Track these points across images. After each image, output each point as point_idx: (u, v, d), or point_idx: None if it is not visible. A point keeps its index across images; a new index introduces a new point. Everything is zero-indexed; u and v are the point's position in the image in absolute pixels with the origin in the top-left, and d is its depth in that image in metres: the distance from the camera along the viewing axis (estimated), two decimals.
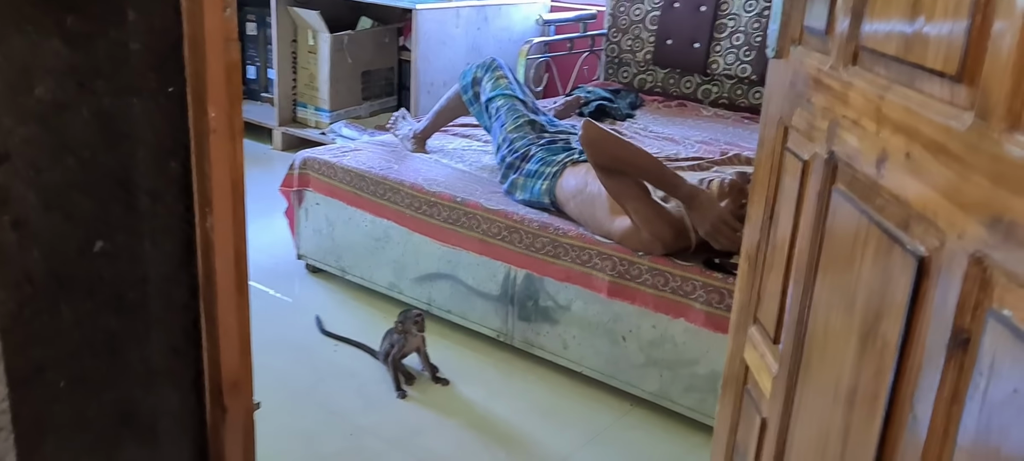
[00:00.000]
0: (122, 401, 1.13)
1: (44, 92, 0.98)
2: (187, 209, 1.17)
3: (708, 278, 2.18)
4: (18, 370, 1.00)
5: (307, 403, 2.34)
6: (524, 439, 2.25)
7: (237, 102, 1.18)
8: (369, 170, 2.95)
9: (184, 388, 1.22)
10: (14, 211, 0.97)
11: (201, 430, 1.27)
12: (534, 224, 2.50)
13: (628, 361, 2.39)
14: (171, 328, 1.18)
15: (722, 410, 1.73)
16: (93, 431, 1.11)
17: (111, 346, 1.10)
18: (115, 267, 1.09)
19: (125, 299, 1.11)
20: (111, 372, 1.11)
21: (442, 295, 2.81)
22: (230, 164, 1.18)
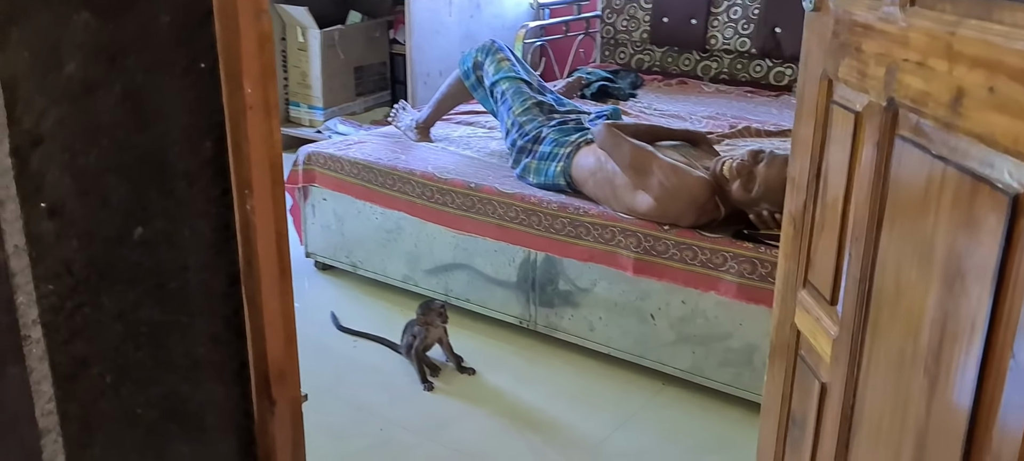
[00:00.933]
0: (169, 395, 1.07)
1: (75, 69, 0.91)
2: (224, 192, 1.11)
3: (739, 248, 2.13)
4: (62, 366, 0.94)
5: (332, 400, 2.28)
6: (557, 424, 2.19)
7: (271, 76, 1.12)
8: (377, 162, 2.88)
9: (228, 380, 1.17)
10: (50, 197, 0.91)
11: (247, 424, 1.21)
12: (553, 205, 2.45)
13: (658, 339, 2.34)
14: (212, 317, 1.13)
15: (771, 380, 1.68)
16: (141, 427, 1.05)
17: (155, 338, 1.04)
18: (155, 255, 1.03)
19: (166, 288, 1.05)
20: (156, 365, 1.05)
21: (460, 284, 2.76)
22: (267, 142, 1.13)
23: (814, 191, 1.48)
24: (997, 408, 0.94)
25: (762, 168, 2.11)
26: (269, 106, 1.12)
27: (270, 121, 1.12)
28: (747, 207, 2.14)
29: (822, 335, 1.43)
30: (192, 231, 1.07)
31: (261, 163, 1.11)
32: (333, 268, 3.14)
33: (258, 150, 1.11)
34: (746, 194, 2.11)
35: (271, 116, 1.12)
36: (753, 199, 2.10)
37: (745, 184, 2.12)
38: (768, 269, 2.09)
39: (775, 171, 2.08)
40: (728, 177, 2.16)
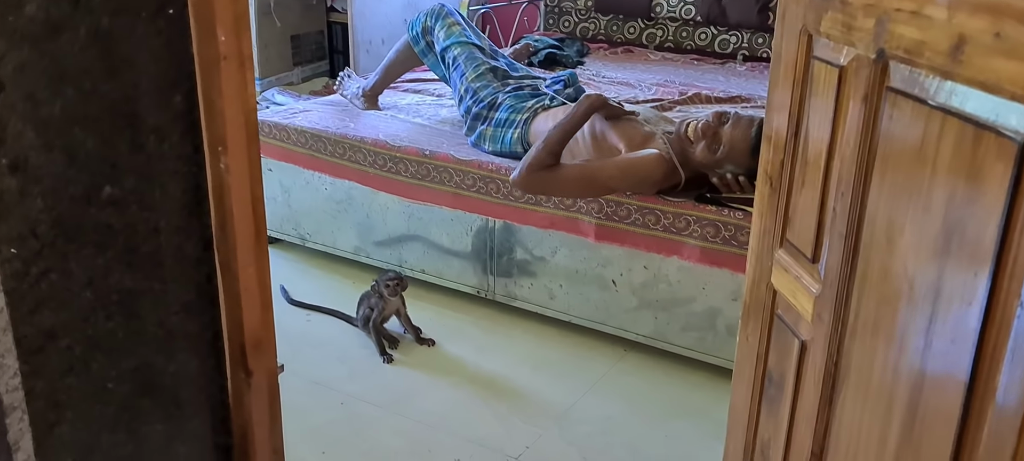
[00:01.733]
0: (142, 368, 1.00)
1: (36, 9, 0.83)
2: (196, 150, 1.04)
3: (702, 212, 2.13)
4: (28, 338, 0.86)
5: (289, 376, 2.19)
6: (522, 393, 2.16)
7: (245, 24, 1.05)
8: (325, 130, 2.79)
9: (201, 351, 1.09)
10: (12, 151, 0.82)
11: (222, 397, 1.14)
12: (511, 172, 2.40)
13: (620, 306, 2.32)
14: (185, 284, 1.05)
15: (744, 341, 1.68)
16: (113, 404, 0.97)
17: (126, 307, 0.97)
18: (125, 216, 0.95)
19: (138, 253, 0.97)
20: (128, 336, 0.98)
21: (414, 255, 2.69)
22: (242, 96, 1.05)
23: (792, 149, 1.47)
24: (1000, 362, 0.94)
25: (727, 129, 2.10)
26: (243, 57, 1.05)
27: (244, 73, 1.05)
28: (710, 169, 2.13)
29: (802, 293, 1.43)
30: (163, 191, 1.00)
31: (236, 119, 1.04)
32: (280, 241, 3.03)
33: (232, 105, 1.04)
34: (710, 155, 2.10)
35: (245, 68, 1.05)
36: (717, 160, 2.09)
37: (710, 145, 2.10)
38: (732, 232, 2.09)
39: (740, 132, 2.08)
40: (692, 138, 2.14)
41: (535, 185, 2.21)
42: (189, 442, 1.10)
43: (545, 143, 2.19)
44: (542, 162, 2.18)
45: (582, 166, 2.19)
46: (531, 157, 2.18)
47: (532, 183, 2.19)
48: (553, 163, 2.18)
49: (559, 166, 2.19)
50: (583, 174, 2.17)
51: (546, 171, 2.17)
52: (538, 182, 2.19)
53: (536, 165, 2.18)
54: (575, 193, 2.24)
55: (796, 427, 1.48)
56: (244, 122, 1.05)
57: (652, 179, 2.14)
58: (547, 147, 2.18)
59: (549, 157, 2.18)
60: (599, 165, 2.17)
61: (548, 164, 2.18)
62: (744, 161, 2.07)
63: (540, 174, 2.18)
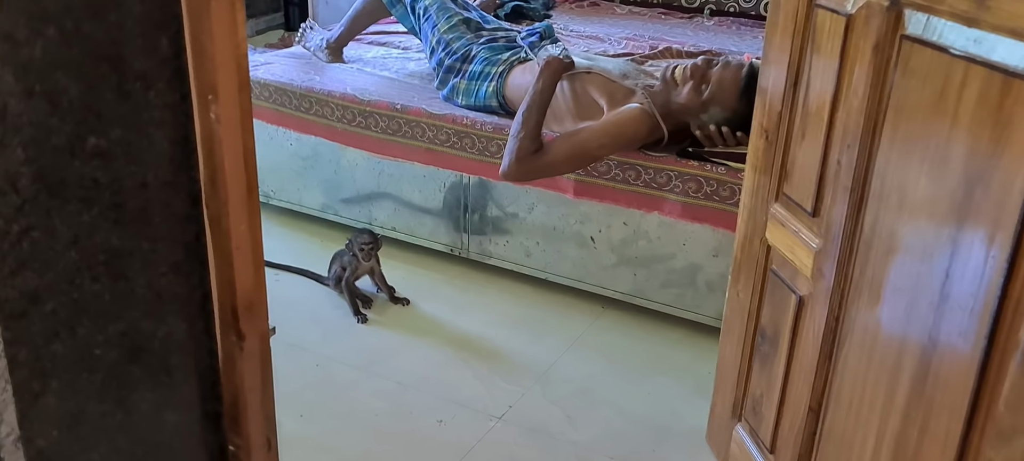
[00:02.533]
0: (129, 333, 0.93)
1: None
2: (183, 98, 0.96)
3: (684, 167, 2.10)
4: (10, 302, 0.79)
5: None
6: (501, 352, 2.13)
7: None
8: (290, 83, 2.69)
9: (191, 314, 1.03)
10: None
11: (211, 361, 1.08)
12: (487, 127, 2.34)
13: (598, 263, 2.29)
14: (173, 243, 0.98)
15: (734, 297, 1.66)
16: (100, 371, 0.90)
17: (113, 267, 0.90)
18: (111, 170, 0.87)
19: (125, 209, 0.90)
20: (115, 299, 0.91)
21: (384, 212, 2.63)
22: (233, 40, 0.98)
23: (791, 101, 1.44)
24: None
25: (717, 70, 2.07)
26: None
27: (235, 14, 0.97)
28: (694, 114, 2.08)
29: (800, 248, 1.41)
30: (149, 143, 0.92)
31: (226, 65, 0.96)
32: None
33: (223, 49, 0.96)
34: (696, 97, 2.07)
35: (236, 8, 0.97)
36: (704, 102, 2.05)
37: (697, 86, 2.07)
38: (714, 187, 2.07)
39: (730, 73, 2.04)
40: (679, 81, 2.10)
41: (525, 174, 2.13)
42: (178, 410, 1.04)
43: (523, 127, 2.10)
44: (526, 149, 2.08)
45: (569, 141, 2.10)
46: (514, 147, 2.09)
47: (522, 173, 2.12)
48: (537, 147, 2.10)
49: (545, 149, 2.10)
50: (572, 150, 2.09)
51: (533, 158, 2.09)
52: (528, 171, 2.11)
53: (522, 154, 2.09)
54: (568, 170, 2.18)
55: (792, 383, 1.47)
56: (236, 68, 0.98)
57: (638, 136, 2.09)
58: (526, 131, 2.09)
59: (531, 142, 2.09)
60: (586, 136, 2.09)
61: (533, 150, 2.09)
62: (731, 103, 2.03)
63: (528, 162, 2.09)
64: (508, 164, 2.10)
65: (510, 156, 2.11)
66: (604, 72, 2.21)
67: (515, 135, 2.12)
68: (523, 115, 2.12)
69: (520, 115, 2.13)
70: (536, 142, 2.10)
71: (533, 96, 2.13)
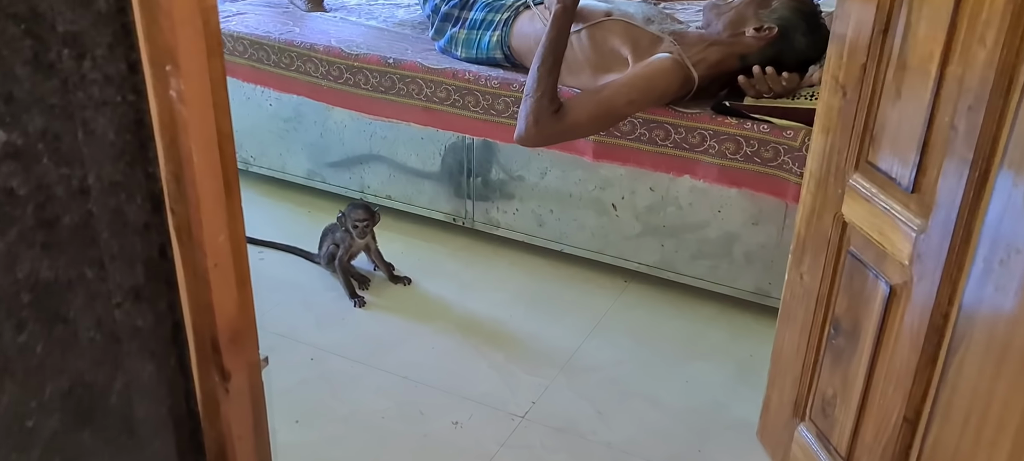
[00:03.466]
0: (77, 390, 0.69)
1: None
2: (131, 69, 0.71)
3: (720, 125, 1.86)
4: None
5: None
6: (517, 338, 1.90)
7: None
8: (267, 36, 2.41)
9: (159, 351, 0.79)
10: None
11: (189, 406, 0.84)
12: (493, 82, 2.09)
13: (620, 232, 2.06)
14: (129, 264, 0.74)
15: (797, 280, 1.44)
16: (37, 446, 0.67)
17: (46, 307, 0.65)
18: (34, 174, 0.62)
19: (58, 226, 0.65)
20: (52, 349, 0.67)
21: (378, 179, 2.37)
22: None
23: (879, 49, 1.20)
24: None
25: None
26: None
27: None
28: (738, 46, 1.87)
29: (892, 229, 1.18)
30: (87, 133, 0.67)
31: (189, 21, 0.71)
32: None
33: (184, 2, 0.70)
34: (757, 20, 1.86)
35: None
36: (761, 37, 1.85)
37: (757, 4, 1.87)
38: (755, 147, 1.83)
39: (799, 3, 1.86)
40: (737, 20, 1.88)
41: (546, 138, 1.86)
42: None
43: (538, 84, 1.83)
44: (545, 110, 1.82)
45: (593, 99, 1.84)
46: (530, 108, 1.83)
47: (542, 137, 1.85)
48: (557, 106, 1.83)
49: (565, 109, 1.84)
50: (597, 109, 1.83)
51: (553, 119, 1.82)
52: (548, 134, 1.85)
53: (540, 115, 1.82)
54: (593, 131, 1.92)
55: (877, 386, 1.25)
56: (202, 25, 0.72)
57: (669, 90, 1.84)
58: (542, 88, 1.82)
59: (550, 101, 1.82)
60: (611, 92, 1.83)
61: (553, 110, 1.82)
62: (797, 40, 1.82)
63: (548, 125, 1.82)
64: (525, 128, 1.85)
65: (527, 119, 1.85)
66: (626, 17, 1.95)
67: (530, 94, 1.85)
68: (537, 70, 1.85)
69: (534, 71, 1.86)
70: (555, 101, 1.84)
71: (546, 47, 1.86)
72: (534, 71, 1.86)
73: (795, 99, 1.82)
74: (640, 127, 1.93)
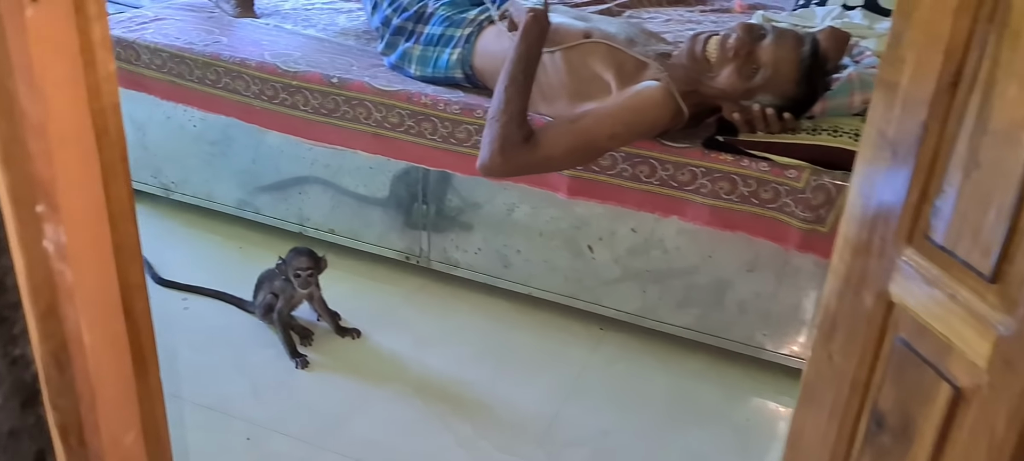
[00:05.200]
0: None
1: None
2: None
3: (713, 162, 1.65)
4: None
5: (167, 400, 1.61)
6: (486, 402, 1.67)
7: None
8: (189, 48, 2.11)
9: None
10: None
11: None
12: (454, 106, 1.84)
13: (597, 276, 1.85)
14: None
15: (826, 359, 1.24)
16: None
17: None
18: None
19: None
20: None
21: (319, 210, 2.11)
22: (86, 77, 0.47)
23: (947, 104, 1.00)
24: None
25: (768, 47, 1.56)
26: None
27: (91, 30, 0.47)
28: (732, 101, 1.61)
29: (963, 322, 0.98)
30: None
31: (77, 139, 0.46)
32: (136, 192, 2.35)
33: (62, 98, 0.45)
34: (741, 82, 1.57)
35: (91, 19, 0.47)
36: (751, 88, 1.58)
37: (742, 69, 1.57)
38: (752, 187, 1.64)
39: (786, 52, 1.55)
40: (714, 59, 1.59)
41: (512, 168, 1.63)
42: None
43: (505, 107, 1.60)
44: (512, 137, 1.59)
45: (570, 129, 1.61)
46: (495, 134, 1.60)
47: (508, 167, 1.62)
48: (527, 134, 1.61)
49: (536, 138, 1.61)
50: (574, 141, 1.61)
51: (522, 149, 1.59)
52: (515, 165, 1.61)
53: (506, 143, 1.59)
54: (569, 165, 1.70)
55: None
56: (96, 139, 0.47)
57: (658, 122, 1.63)
58: (509, 113, 1.60)
59: (518, 127, 1.60)
60: (591, 123, 1.61)
61: (521, 137, 1.60)
62: (788, 90, 1.57)
63: (515, 154, 1.60)
64: (489, 156, 1.61)
65: (491, 146, 1.61)
66: (607, 39, 1.73)
67: (495, 118, 1.62)
68: (504, 91, 1.62)
69: (499, 91, 1.63)
70: (525, 127, 1.61)
71: (515, 63, 1.62)
72: (500, 91, 1.62)
73: (796, 134, 1.63)
74: (622, 162, 1.72)
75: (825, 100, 1.63)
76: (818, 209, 1.60)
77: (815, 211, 1.60)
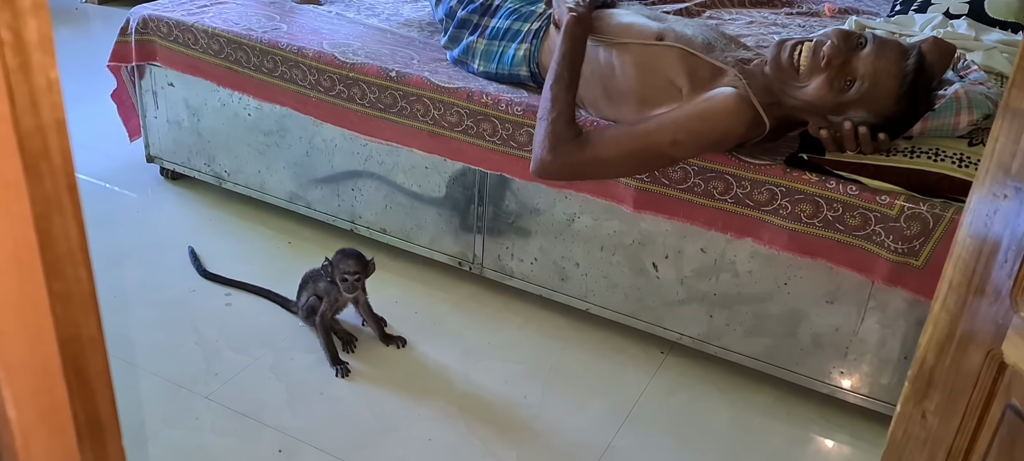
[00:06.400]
0: None
1: None
2: None
3: (795, 181, 1.51)
4: None
5: (194, 400, 1.54)
6: (535, 428, 1.56)
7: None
8: (248, 35, 2.04)
9: None
10: None
11: None
12: (517, 107, 1.73)
13: (660, 296, 1.72)
14: None
15: (917, 418, 1.10)
16: None
17: None
18: None
19: None
20: None
21: (371, 208, 2.02)
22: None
23: None
24: None
25: (866, 58, 1.39)
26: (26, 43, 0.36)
27: (22, 27, 0.36)
28: (817, 113, 1.45)
29: None
30: None
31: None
32: (188, 179, 2.31)
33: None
34: (834, 95, 1.41)
35: (24, 13, 0.36)
36: (844, 103, 1.42)
37: (834, 80, 1.40)
38: (838, 212, 1.49)
39: (886, 63, 1.38)
40: (805, 70, 1.43)
41: (564, 169, 1.54)
42: None
43: (552, 104, 1.53)
44: (562, 134, 1.51)
45: (630, 133, 1.51)
46: (545, 132, 1.53)
47: (560, 167, 1.53)
48: (577, 132, 1.53)
49: (588, 137, 1.52)
50: (631, 145, 1.50)
51: (574, 146, 1.51)
52: (567, 165, 1.52)
53: (556, 140, 1.51)
54: (627, 172, 1.59)
55: None
56: (25, 153, 0.38)
57: (731, 135, 1.49)
58: (557, 109, 1.52)
59: (567, 124, 1.52)
60: (655, 128, 1.49)
61: (572, 134, 1.52)
62: (885, 108, 1.41)
63: (567, 153, 1.51)
64: (541, 155, 1.54)
65: (542, 145, 1.54)
66: (682, 41, 1.59)
67: (544, 116, 1.56)
68: (551, 88, 1.57)
69: (547, 90, 1.58)
70: (573, 125, 1.53)
71: (560, 62, 1.59)
72: (548, 90, 1.58)
73: (890, 156, 1.47)
74: (694, 176, 1.58)
75: (927, 119, 1.47)
76: (912, 241, 1.44)
77: (908, 242, 1.45)
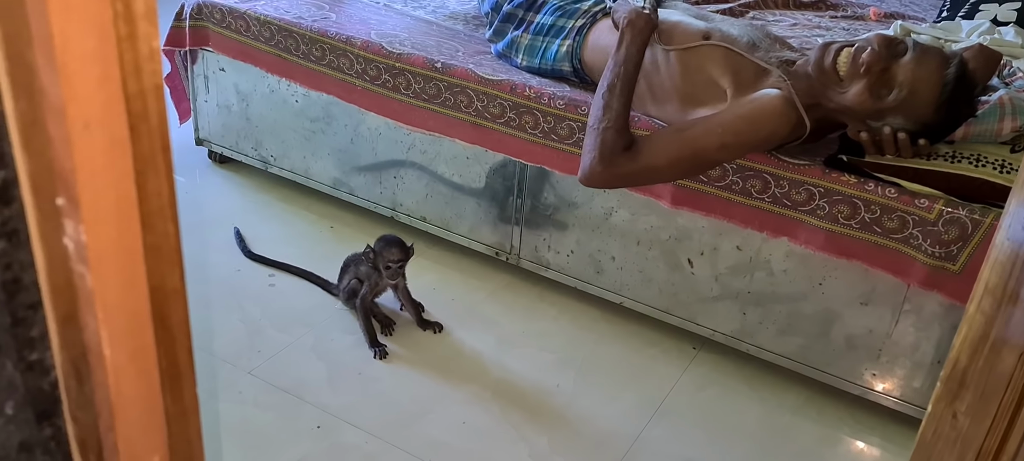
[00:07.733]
0: None
1: None
2: (4, 197, 0.40)
3: (833, 182, 1.52)
4: None
5: (238, 375, 1.60)
6: (567, 416, 1.59)
7: None
8: (298, 23, 2.09)
9: None
10: None
11: None
12: (559, 101, 1.76)
13: (694, 292, 1.74)
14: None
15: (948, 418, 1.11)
16: None
17: None
18: None
19: None
20: None
21: (413, 196, 2.06)
22: (109, 35, 0.41)
23: None
24: None
25: (907, 65, 1.40)
26: None
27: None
28: (857, 118, 1.46)
29: None
30: None
31: (102, 122, 0.39)
32: (234, 162, 2.37)
33: (88, 76, 0.39)
34: (874, 101, 1.42)
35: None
36: (883, 108, 1.43)
37: (873, 86, 1.41)
38: (876, 213, 1.50)
39: (927, 71, 1.39)
40: (845, 75, 1.45)
41: (614, 178, 1.56)
42: None
43: (605, 113, 1.54)
44: (613, 145, 1.53)
45: (677, 139, 1.53)
46: (596, 142, 1.54)
47: (610, 177, 1.56)
48: (629, 142, 1.54)
49: (639, 147, 1.54)
50: (681, 151, 1.52)
51: (624, 157, 1.53)
52: (617, 174, 1.55)
53: (607, 152, 1.53)
54: (674, 177, 1.61)
55: None
56: (130, 114, 0.41)
57: (775, 136, 1.51)
58: (610, 118, 1.53)
59: (619, 134, 1.53)
60: (701, 133, 1.51)
61: (623, 145, 1.53)
62: (924, 115, 1.42)
63: (617, 164, 1.53)
64: (590, 165, 1.54)
65: (591, 154, 1.55)
66: (727, 41, 1.61)
67: (594, 125, 1.56)
68: (603, 97, 1.56)
69: (599, 97, 1.57)
70: (626, 135, 1.54)
71: (614, 69, 1.57)
72: (599, 97, 1.57)
73: (931, 160, 1.48)
74: (732, 174, 1.60)
75: (969, 124, 1.47)
76: (950, 245, 1.45)
77: (946, 247, 1.45)
